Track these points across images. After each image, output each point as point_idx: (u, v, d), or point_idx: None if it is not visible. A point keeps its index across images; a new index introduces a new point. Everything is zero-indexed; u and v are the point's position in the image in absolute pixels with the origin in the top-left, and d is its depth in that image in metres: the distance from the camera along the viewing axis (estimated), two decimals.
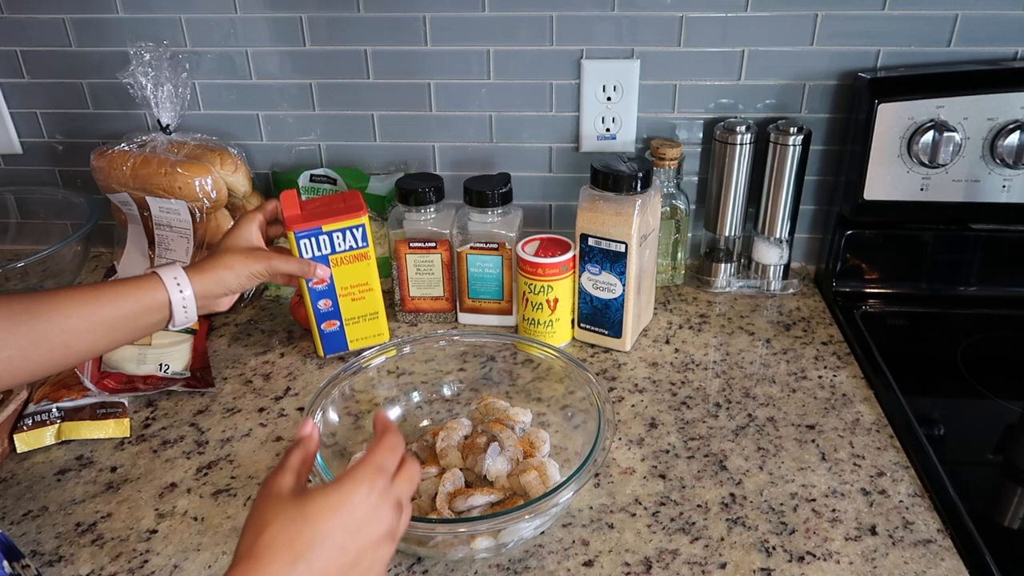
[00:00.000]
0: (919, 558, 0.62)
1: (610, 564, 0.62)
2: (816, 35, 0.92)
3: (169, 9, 0.96)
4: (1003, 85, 0.87)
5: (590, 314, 0.88)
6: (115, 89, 0.97)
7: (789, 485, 0.69)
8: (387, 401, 0.75)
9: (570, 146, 1.01)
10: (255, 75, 0.99)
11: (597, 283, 0.85)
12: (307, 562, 0.44)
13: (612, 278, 0.84)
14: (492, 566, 0.62)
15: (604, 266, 0.84)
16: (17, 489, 0.71)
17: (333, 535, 0.46)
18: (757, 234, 0.99)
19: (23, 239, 1.09)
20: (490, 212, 0.88)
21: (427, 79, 0.98)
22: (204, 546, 0.64)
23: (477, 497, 0.63)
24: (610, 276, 0.84)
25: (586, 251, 0.85)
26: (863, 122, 0.90)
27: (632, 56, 0.95)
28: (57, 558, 0.63)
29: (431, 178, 0.91)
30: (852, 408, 0.79)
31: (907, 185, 0.91)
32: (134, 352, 0.81)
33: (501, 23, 0.94)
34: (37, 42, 0.99)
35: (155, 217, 0.94)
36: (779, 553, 0.62)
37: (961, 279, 0.96)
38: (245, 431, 0.77)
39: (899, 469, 0.71)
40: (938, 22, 0.91)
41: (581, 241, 0.84)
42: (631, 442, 0.75)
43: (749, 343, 0.90)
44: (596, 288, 0.85)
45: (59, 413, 0.76)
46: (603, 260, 0.83)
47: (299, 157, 1.04)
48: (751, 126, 0.93)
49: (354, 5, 0.94)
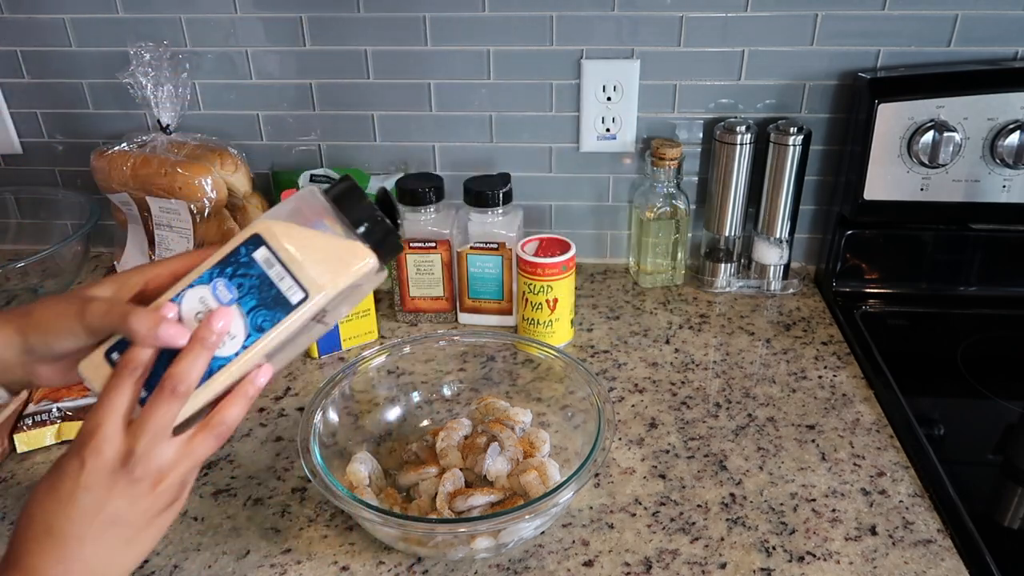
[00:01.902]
0: (919, 558, 0.62)
1: (610, 564, 0.62)
2: (816, 35, 0.92)
3: (169, 9, 0.96)
4: (1003, 85, 0.87)
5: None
6: (115, 89, 0.97)
7: (789, 485, 0.69)
8: (387, 401, 0.75)
9: (570, 146, 1.01)
10: (255, 75, 0.99)
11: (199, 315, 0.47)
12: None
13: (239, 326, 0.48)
14: (492, 566, 0.62)
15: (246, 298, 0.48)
16: (17, 489, 0.70)
17: (37, 525, 0.42)
18: (757, 234, 0.99)
19: (23, 239, 1.09)
20: (490, 212, 0.88)
21: (427, 79, 0.98)
22: (204, 546, 0.64)
23: (477, 497, 0.63)
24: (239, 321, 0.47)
25: (237, 262, 0.48)
26: (863, 122, 0.90)
27: (632, 56, 0.95)
28: None
29: (431, 178, 0.91)
30: (852, 408, 0.79)
31: (907, 185, 0.91)
32: None
33: (501, 23, 0.94)
34: (37, 42, 0.99)
35: (155, 217, 0.94)
36: (779, 553, 0.62)
37: (961, 279, 0.96)
38: (245, 431, 0.77)
39: (899, 469, 0.71)
40: (938, 22, 0.91)
41: (248, 243, 0.48)
42: (631, 442, 0.75)
43: (749, 343, 0.90)
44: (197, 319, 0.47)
45: (59, 413, 0.76)
46: (250, 289, 0.47)
47: (299, 157, 1.04)
48: (751, 126, 0.93)
49: (354, 5, 0.94)
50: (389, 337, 0.91)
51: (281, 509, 0.68)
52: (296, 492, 0.70)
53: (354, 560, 0.62)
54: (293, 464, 0.73)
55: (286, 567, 0.62)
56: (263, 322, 0.46)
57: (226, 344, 0.46)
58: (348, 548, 0.64)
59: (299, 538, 0.65)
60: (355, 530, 0.65)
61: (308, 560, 0.63)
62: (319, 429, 0.65)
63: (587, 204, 1.05)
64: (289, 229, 0.48)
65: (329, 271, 0.47)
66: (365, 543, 0.64)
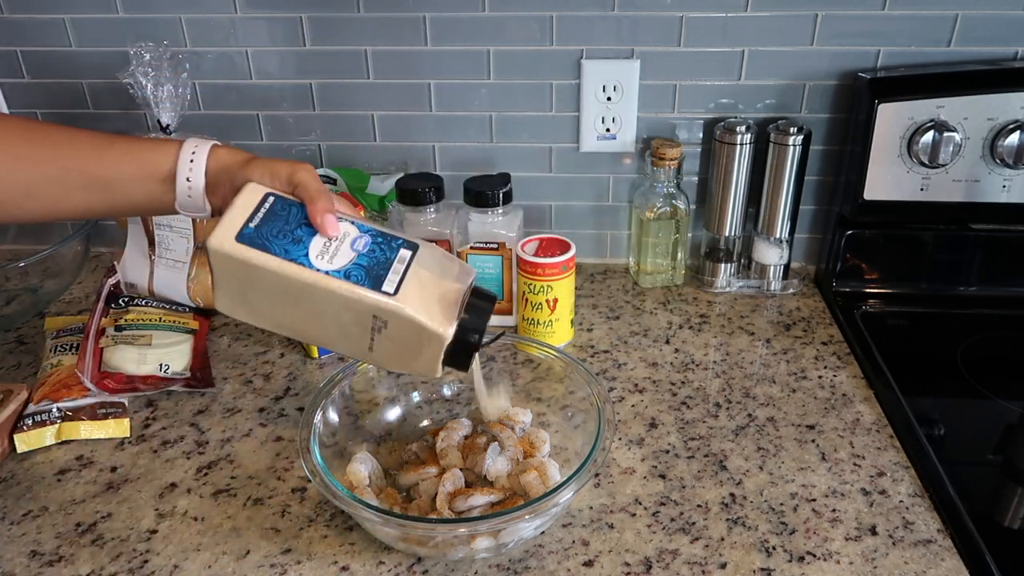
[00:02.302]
0: (919, 558, 0.62)
1: (610, 564, 0.62)
2: (816, 35, 0.92)
3: (169, 9, 0.96)
4: (1003, 85, 0.87)
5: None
6: (115, 89, 0.97)
7: (789, 485, 0.69)
8: (387, 401, 0.75)
9: (570, 146, 1.01)
10: (255, 75, 0.99)
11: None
12: None
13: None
14: (492, 566, 0.62)
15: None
16: (17, 489, 0.71)
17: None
18: (757, 234, 0.99)
19: (23, 239, 1.09)
20: (490, 212, 0.88)
21: (427, 79, 0.98)
22: (204, 546, 0.64)
23: (477, 497, 0.63)
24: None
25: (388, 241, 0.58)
26: (863, 122, 0.90)
27: (632, 56, 0.95)
28: (57, 558, 0.63)
29: (431, 178, 0.91)
30: (852, 408, 0.79)
31: (907, 185, 0.91)
32: (134, 352, 0.81)
33: (501, 23, 0.94)
34: (37, 42, 0.99)
35: (155, 217, 0.94)
36: (779, 553, 0.62)
37: (961, 279, 0.96)
38: (245, 431, 0.77)
39: (899, 469, 0.71)
40: (938, 22, 0.91)
41: (409, 241, 0.59)
42: (631, 442, 0.75)
43: (749, 343, 0.90)
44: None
45: (59, 413, 0.76)
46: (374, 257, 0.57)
47: (299, 157, 1.04)
48: (751, 126, 0.93)
49: (354, 5, 0.94)
50: None
51: (281, 509, 0.68)
52: (296, 492, 0.70)
53: (354, 560, 0.62)
54: (293, 464, 0.73)
55: (286, 567, 0.62)
56: (355, 276, 0.54)
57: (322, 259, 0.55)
58: (348, 548, 0.64)
59: (299, 538, 0.65)
60: (355, 530, 0.65)
61: (308, 560, 0.63)
62: (319, 429, 0.65)
63: (587, 204, 1.05)
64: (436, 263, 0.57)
65: (421, 303, 0.55)
66: (365, 543, 0.64)
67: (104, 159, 0.58)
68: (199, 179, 0.59)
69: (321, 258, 0.55)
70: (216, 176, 0.59)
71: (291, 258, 0.54)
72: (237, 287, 0.57)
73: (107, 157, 0.58)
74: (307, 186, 0.57)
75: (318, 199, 0.56)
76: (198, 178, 0.58)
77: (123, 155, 0.59)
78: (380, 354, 0.58)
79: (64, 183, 0.58)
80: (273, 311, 0.58)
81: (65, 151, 0.58)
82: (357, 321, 0.55)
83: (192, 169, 0.58)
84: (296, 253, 0.55)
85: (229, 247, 0.54)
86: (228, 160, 0.59)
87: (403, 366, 0.59)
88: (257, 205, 0.56)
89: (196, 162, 0.58)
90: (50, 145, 0.58)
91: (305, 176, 0.57)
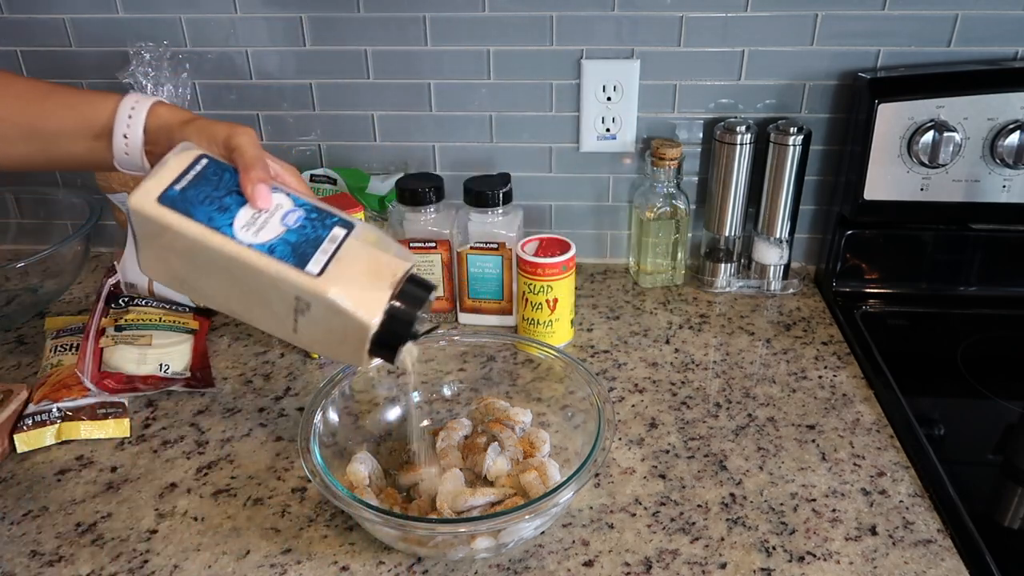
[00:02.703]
0: (919, 558, 0.62)
1: (610, 564, 0.62)
2: (816, 35, 0.92)
3: (169, 9, 0.96)
4: (1003, 85, 0.87)
5: None
6: (115, 89, 0.96)
7: (789, 485, 0.69)
8: (387, 401, 0.75)
9: (570, 146, 1.01)
10: (255, 75, 0.99)
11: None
12: None
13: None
14: (492, 566, 0.62)
15: None
16: (17, 489, 0.71)
17: None
18: (757, 234, 0.99)
19: (23, 239, 1.09)
20: (490, 212, 0.88)
21: (427, 79, 0.98)
22: (204, 546, 0.64)
23: (477, 497, 0.63)
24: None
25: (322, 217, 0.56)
26: (863, 122, 0.90)
27: (632, 56, 0.95)
28: (57, 558, 0.63)
29: (431, 178, 0.91)
30: (852, 408, 0.79)
31: (907, 185, 0.91)
32: (134, 352, 0.81)
33: (501, 23, 0.94)
34: (37, 42, 0.99)
35: None
36: (779, 553, 0.62)
37: (961, 279, 0.96)
38: (245, 431, 0.77)
39: (899, 469, 0.71)
40: (938, 22, 0.91)
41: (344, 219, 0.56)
42: (631, 442, 0.75)
43: (749, 343, 0.90)
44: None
45: (59, 413, 0.76)
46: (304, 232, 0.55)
47: (299, 157, 1.04)
48: (751, 126, 0.93)
49: (354, 5, 0.94)
50: None
51: (281, 509, 0.68)
52: (296, 492, 0.70)
53: (354, 560, 0.62)
54: (293, 464, 0.73)
55: (286, 567, 0.62)
56: (279, 252, 0.52)
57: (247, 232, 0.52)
58: (348, 548, 0.64)
59: (299, 538, 0.65)
60: (355, 530, 0.65)
61: (308, 560, 0.63)
62: (319, 429, 0.65)
63: (587, 204, 1.05)
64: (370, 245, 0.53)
65: (346, 287, 0.51)
66: (365, 543, 0.64)
67: (42, 111, 0.56)
68: (137, 136, 0.56)
69: (247, 230, 0.52)
70: (155, 135, 0.56)
71: (214, 226, 0.51)
72: (158, 250, 0.54)
73: (45, 109, 0.56)
74: (243, 151, 0.54)
75: (252, 167, 0.53)
76: (136, 135, 0.56)
77: (61, 107, 0.57)
78: (304, 337, 0.55)
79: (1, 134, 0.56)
80: (197, 282, 0.55)
81: (2, 101, 0.56)
82: (281, 299, 0.52)
83: (130, 126, 0.56)
84: (220, 222, 0.52)
85: (149, 208, 0.51)
86: (168, 118, 0.57)
87: (329, 352, 0.56)
88: (187, 167, 0.53)
89: (134, 119, 0.56)
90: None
91: (243, 141, 0.54)
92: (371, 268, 0.52)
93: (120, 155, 0.57)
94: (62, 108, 0.57)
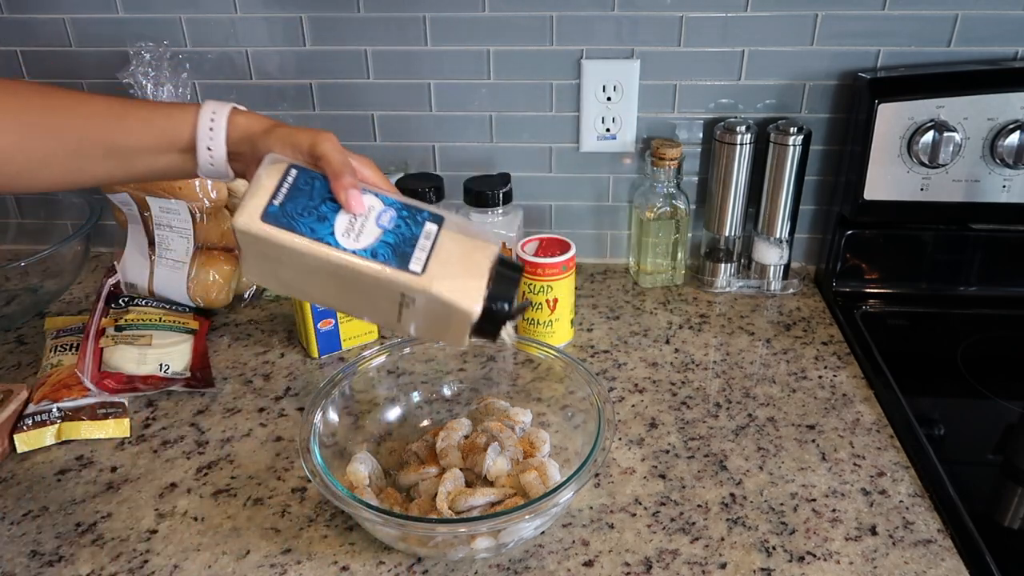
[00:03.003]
0: (919, 558, 0.62)
1: (610, 564, 0.62)
2: (816, 35, 0.92)
3: (169, 9, 0.96)
4: (1003, 85, 0.87)
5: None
6: (115, 89, 0.96)
7: (789, 485, 0.69)
8: (387, 401, 0.75)
9: (570, 146, 1.01)
10: (255, 75, 0.99)
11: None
12: None
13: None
14: (492, 566, 0.62)
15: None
16: (17, 489, 0.71)
17: None
18: (757, 234, 0.99)
19: (23, 239, 1.09)
20: (490, 212, 0.88)
21: (427, 79, 0.98)
22: (204, 546, 0.64)
23: (477, 497, 0.63)
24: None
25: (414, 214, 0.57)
26: (863, 122, 0.90)
27: (632, 56, 0.95)
28: (57, 558, 0.63)
29: (431, 178, 0.91)
30: (852, 408, 0.79)
31: (907, 185, 0.91)
32: (134, 352, 0.81)
33: (501, 23, 0.94)
34: (37, 42, 0.99)
35: (155, 217, 0.94)
36: (779, 553, 0.62)
37: (961, 279, 0.97)
38: (245, 431, 0.77)
39: (899, 469, 0.71)
40: (938, 22, 0.91)
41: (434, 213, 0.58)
42: (631, 442, 0.75)
43: (749, 343, 0.90)
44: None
45: (59, 413, 0.76)
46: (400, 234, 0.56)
47: None
48: (751, 126, 0.93)
49: (354, 5, 0.94)
50: (389, 337, 0.91)
51: (281, 509, 0.68)
52: (296, 492, 0.70)
53: (354, 560, 0.62)
54: (293, 464, 0.73)
55: (286, 567, 0.62)
56: (381, 255, 0.54)
57: (348, 238, 0.54)
58: (348, 548, 0.64)
59: (299, 538, 0.65)
60: (355, 530, 0.65)
61: (308, 560, 0.63)
62: (319, 429, 0.65)
63: (587, 204, 1.05)
64: (461, 235, 0.56)
65: (448, 281, 0.54)
66: (365, 543, 0.64)
67: (122, 129, 0.57)
68: (220, 148, 0.58)
69: (347, 236, 0.54)
70: (238, 144, 0.58)
71: (318, 237, 0.53)
72: (266, 264, 0.56)
73: (124, 127, 0.57)
74: (330, 159, 0.55)
75: (342, 174, 0.54)
76: (219, 147, 0.57)
77: (140, 124, 0.57)
78: (407, 325, 0.57)
79: (82, 154, 0.57)
80: (302, 285, 0.58)
81: (82, 121, 0.57)
82: (386, 296, 0.55)
83: (212, 139, 0.57)
84: (322, 232, 0.54)
85: (256, 228, 0.53)
86: (248, 128, 0.58)
87: (430, 337, 0.59)
88: (280, 180, 0.55)
89: (216, 131, 0.57)
90: (67, 114, 0.56)
91: (327, 148, 0.56)
92: (466, 258, 0.55)
93: (205, 166, 0.58)
94: (141, 124, 0.58)
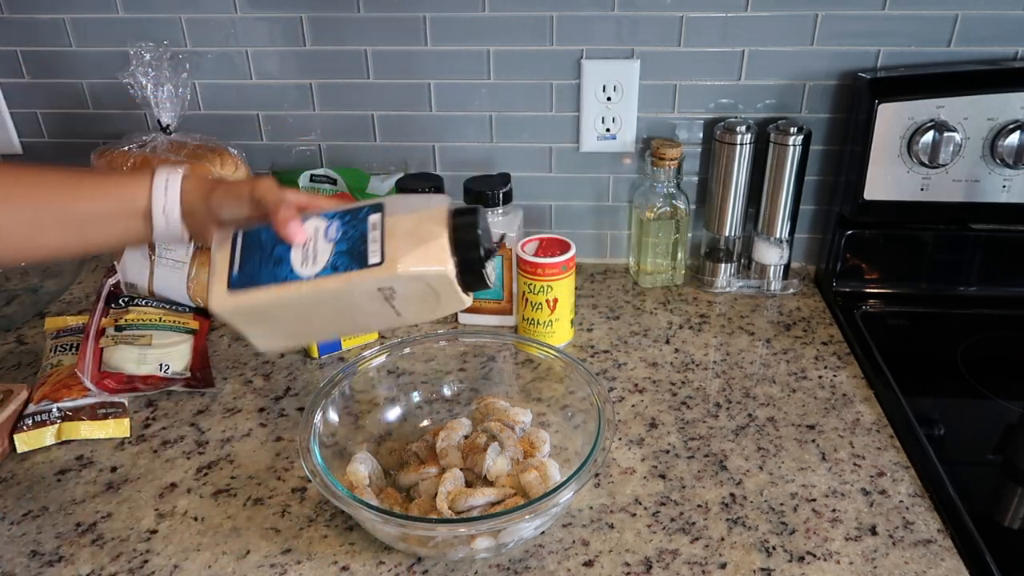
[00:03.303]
0: (919, 558, 0.62)
1: (610, 564, 0.62)
2: (816, 35, 0.92)
3: (169, 9, 0.96)
4: (1003, 85, 0.87)
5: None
6: (115, 89, 0.97)
7: (789, 485, 0.69)
8: (387, 401, 0.75)
9: (570, 146, 1.01)
10: (255, 75, 0.99)
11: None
12: None
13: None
14: (492, 566, 0.62)
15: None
16: (17, 489, 0.71)
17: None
18: (757, 234, 0.99)
19: None
20: (490, 212, 0.88)
21: (427, 79, 0.98)
22: (204, 546, 0.64)
23: (477, 497, 0.63)
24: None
25: (355, 215, 0.59)
26: (863, 122, 0.90)
27: (632, 56, 0.95)
28: (57, 558, 0.63)
29: (431, 178, 0.91)
30: (852, 408, 0.79)
31: (907, 185, 0.91)
32: (134, 352, 0.81)
33: (501, 23, 0.94)
34: (37, 42, 0.99)
35: None
36: (779, 553, 0.62)
37: (961, 279, 0.96)
38: (245, 431, 0.77)
39: (899, 469, 0.71)
40: (938, 22, 0.91)
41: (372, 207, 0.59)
42: (631, 442, 0.75)
43: (749, 343, 0.90)
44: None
45: (59, 413, 0.76)
46: (349, 237, 0.57)
47: (299, 157, 1.04)
48: (751, 126, 0.93)
49: (354, 5, 0.94)
50: (389, 337, 0.91)
51: (281, 509, 0.68)
52: (296, 492, 0.70)
53: (354, 560, 0.62)
54: (293, 464, 0.73)
55: (286, 567, 0.62)
56: (342, 265, 0.55)
57: (307, 266, 0.56)
58: (348, 548, 0.64)
59: (299, 538, 0.65)
60: (355, 530, 0.65)
61: (308, 560, 0.63)
62: (319, 429, 0.65)
63: (587, 204, 1.05)
64: (408, 212, 0.56)
65: (410, 255, 0.54)
66: (365, 543, 0.64)
67: (76, 196, 0.59)
68: (174, 210, 0.60)
69: (305, 264, 0.56)
70: (189, 206, 0.60)
71: (282, 279, 0.55)
72: (262, 327, 0.59)
73: (78, 194, 0.59)
74: (266, 200, 0.57)
75: (276, 210, 0.56)
76: (173, 209, 0.59)
77: (95, 190, 0.60)
78: (407, 315, 0.58)
79: (36, 223, 0.58)
80: (304, 327, 0.61)
81: (37, 190, 0.58)
82: (369, 299, 0.56)
83: (167, 202, 0.59)
84: (283, 272, 0.56)
85: (229, 302, 0.56)
86: (198, 189, 0.60)
87: (439, 312, 0.60)
88: (231, 250, 0.58)
89: (170, 194, 0.59)
90: (20, 185, 0.58)
91: (262, 191, 0.58)
92: (417, 229, 0.55)
93: (160, 229, 0.60)
94: (95, 191, 0.60)
